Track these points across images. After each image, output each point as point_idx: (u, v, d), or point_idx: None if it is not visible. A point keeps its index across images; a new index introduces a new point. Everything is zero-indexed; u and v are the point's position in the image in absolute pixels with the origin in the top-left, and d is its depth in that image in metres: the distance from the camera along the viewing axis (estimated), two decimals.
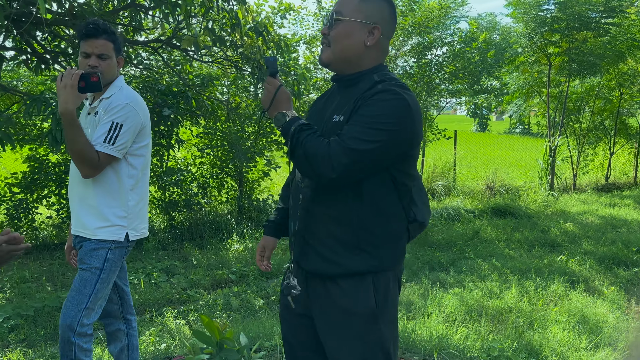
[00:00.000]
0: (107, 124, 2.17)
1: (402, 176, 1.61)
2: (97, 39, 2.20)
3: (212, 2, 4.05)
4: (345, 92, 1.67)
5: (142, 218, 2.38)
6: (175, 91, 4.92)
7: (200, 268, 5.08)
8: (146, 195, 2.39)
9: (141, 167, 2.32)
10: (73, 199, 2.32)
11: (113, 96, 2.24)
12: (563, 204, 8.63)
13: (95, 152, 2.13)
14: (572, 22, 8.84)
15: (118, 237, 2.25)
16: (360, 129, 1.48)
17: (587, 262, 5.31)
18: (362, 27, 1.61)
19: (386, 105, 1.50)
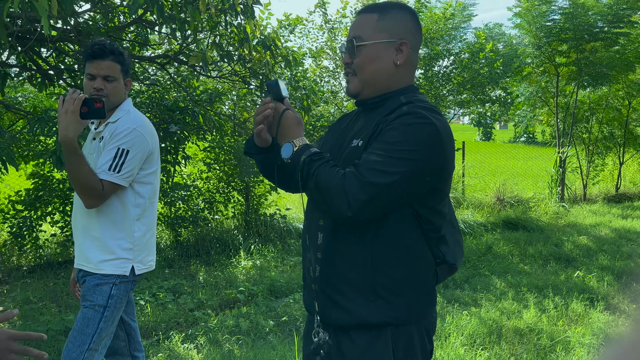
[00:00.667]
0: (113, 151, 2.03)
1: (428, 213, 1.39)
2: (104, 60, 2.07)
3: (220, 17, 3.97)
4: (369, 115, 1.50)
5: (150, 250, 2.23)
6: (182, 107, 4.83)
7: (208, 287, 4.96)
8: (154, 225, 2.25)
9: (149, 195, 2.18)
10: (76, 230, 2.18)
11: (119, 120, 2.11)
12: (575, 215, 8.49)
13: (98, 181, 1.99)
14: (580, 33, 8.74)
15: (123, 271, 2.10)
16: (380, 158, 1.29)
17: (605, 278, 5.16)
18: (388, 46, 1.44)
19: (410, 130, 1.30)
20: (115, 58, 2.11)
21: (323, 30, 8.05)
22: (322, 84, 7.54)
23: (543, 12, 8.98)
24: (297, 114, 1.47)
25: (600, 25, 8.78)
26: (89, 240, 2.11)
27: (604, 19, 8.72)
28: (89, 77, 2.09)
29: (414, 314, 1.40)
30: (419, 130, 1.31)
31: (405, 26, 1.47)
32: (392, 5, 1.49)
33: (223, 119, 5.23)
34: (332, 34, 7.99)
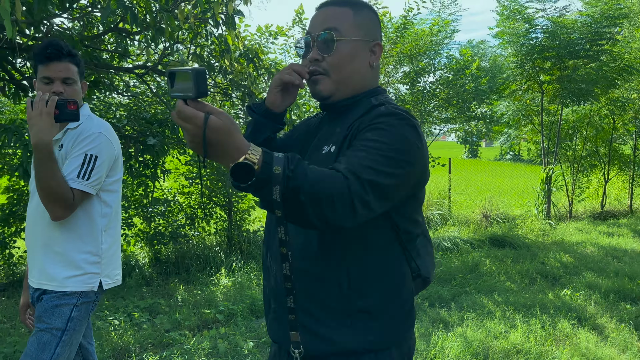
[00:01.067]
0: (80, 157, 1.90)
1: (406, 222, 1.28)
2: (61, 62, 1.93)
3: (201, 28, 3.87)
4: (337, 119, 1.36)
5: (116, 263, 2.09)
6: (160, 119, 4.70)
7: (186, 306, 4.78)
8: (119, 236, 2.11)
9: (115, 204, 2.06)
10: (34, 246, 2.01)
11: (81, 125, 1.98)
12: (561, 233, 8.45)
13: (70, 189, 1.86)
14: (562, 50, 8.81)
15: (90, 286, 1.95)
16: (372, 157, 1.10)
17: (592, 296, 5.07)
18: (365, 45, 1.32)
19: (396, 132, 1.16)
20: (72, 59, 1.98)
21: None
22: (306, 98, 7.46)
23: (523, 31, 9.04)
24: (224, 114, 1.00)
25: (582, 42, 8.85)
26: (51, 256, 1.95)
27: (584, 37, 8.80)
28: (45, 81, 1.94)
29: (395, 337, 1.27)
30: (405, 131, 1.17)
31: (377, 26, 1.38)
32: (362, 3, 1.37)
33: None
34: None
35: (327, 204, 1.03)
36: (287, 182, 1.00)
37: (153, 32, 2.77)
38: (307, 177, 1.02)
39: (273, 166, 1.00)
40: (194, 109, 0.96)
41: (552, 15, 9.05)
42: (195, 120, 0.95)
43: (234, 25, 3.75)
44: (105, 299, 4.91)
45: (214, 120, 0.96)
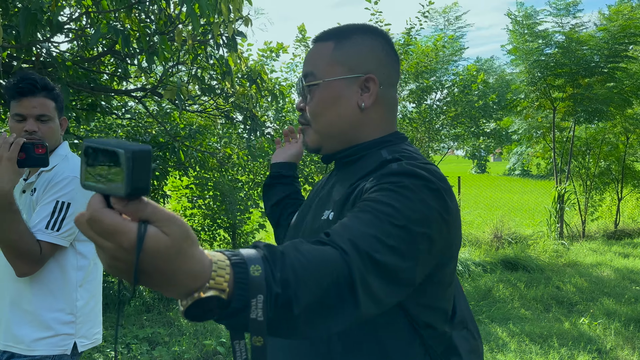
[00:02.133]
0: (50, 205, 1.70)
1: (426, 314, 0.98)
2: (35, 97, 1.74)
3: (201, 50, 3.73)
4: (337, 175, 1.14)
5: (95, 321, 1.87)
6: (161, 142, 4.56)
7: (187, 336, 4.59)
8: (99, 290, 1.89)
9: (92, 255, 1.83)
10: (1, 303, 1.79)
11: (56, 168, 1.78)
12: (575, 254, 8.18)
13: (36, 242, 1.64)
14: (576, 68, 8.62)
15: (63, 349, 1.73)
16: (379, 223, 0.83)
17: (612, 326, 4.83)
18: (349, 83, 1.07)
19: (412, 197, 0.89)
20: (49, 94, 1.79)
21: None
22: None
23: (536, 47, 8.87)
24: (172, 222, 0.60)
25: (596, 60, 8.66)
26: (18, 314, 1.73)
27: (600, 54, 8.60)
28: (17, 118, 1.75)
29: None
30: (424, 196, 0.90)
31: (371, 55, 1.09)
32: (354, 29, 1.11)
33: (206, 155, 4.95)
34: None
35: (326, 307, 0.74)
36: (276, 299, 0.68)
37: (145, 56, 2.64)
38: (299, 280, 0.70)
39: (249, 287, 0.65)
40: (118, 219, 0.57)
41: (567, 30, 8.87)
42: (120, 238, 0.57)
43: (235, 46, 3.61)
44: (104, 329, 4.73)
45: (154, 238, 0.58)
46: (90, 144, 0.60)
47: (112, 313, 5.29)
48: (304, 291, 0.70)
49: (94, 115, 4.16)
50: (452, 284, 1.04)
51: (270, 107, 5.28)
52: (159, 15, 3.38)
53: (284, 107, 5.77)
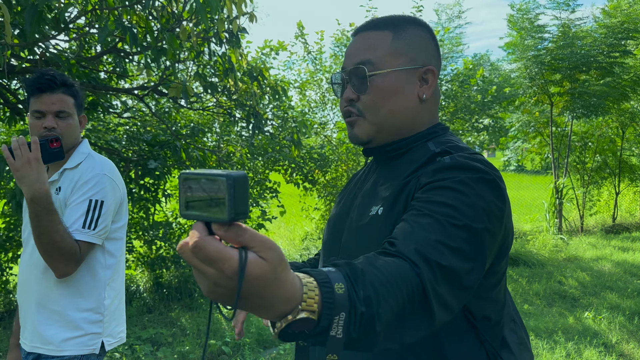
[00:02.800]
0: (84, 204, 1.67)
1: (483, 306, 0.97)
2: (54, 94, 1.71)
3: (203, 47, 3.69)
4: (383, 170, 1.11)
5: (120, 319, 1.85)
6: (162, 141, 4.50)
7: (190, 336, 4.55)
8: (123, 288, 1.88)
9: (119, 253, 1.82)
10: (28, 305, 1.75)
11: (82, 165, 1.75)
12: (574, 248, 8.20)
13: (75, 243, 1.61)
14: (573, 62, 8.62)
15: (92, 349, 1.71)
16: (441, 228, 0.84)
17: (616, 319, 4.83)
18: (410, 74, 1.06)
19: (470, 193, 0.88)
20: (68, 90, 1.75)
21: (306, 61, 7.86)
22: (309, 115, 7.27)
23: (535, 42, 8.86)
24: (269, 247, 0.61)
25: (594, 55, 8.66)
26: (46, 315, 1.70)
27: (598, 48, 8.60)
28: (36, 115, 1.71)
29: None
30: (482, 191, 0.89)
31: (427, 47, 1.10)
32: (406, 20, 1.11)
33: (207, 154, 4.90)
34: (314, 65, 7.79)
35: (403, 321, 0.74)
36: (361, 318, 0.68)
37: (155, 53, 2.60)
38: (379, 297, 0.70)
39: (335, 306, 0.66)
40: (221, 246, 0.57)
41: (566, 25, 8.86)
42: (223, 266, 0.57)
43: (238, 43, 3.57)
44: None
45: (255, 264, 0.58)
46: (189, 175, 0.63)
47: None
48: (384, 308, 0.71)
49: (94, 113, 4.11)
50: (505, 273, 1.03)
51: (271, 102, 5.23)
52: (161, 12, 3.33)
53: (282, 104, 5.73)
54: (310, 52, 7.93)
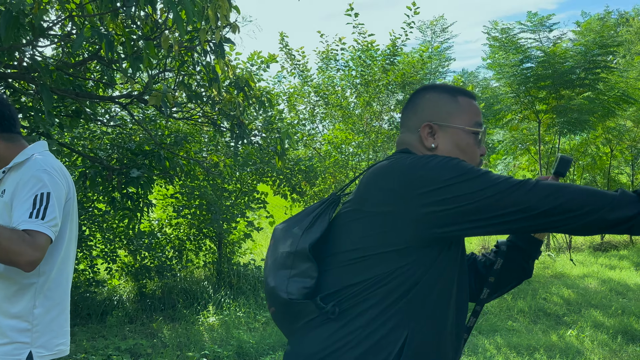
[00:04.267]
0: (29, 200, 1.60)
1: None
2: None
3: (187, 56, 3.69)
4: None
5: (59, 330, 1.74)
6: (146, 150, 4.48)
7: (170, 348, 4.49)
8: (65, 299, 1.77)
9: (57, 262, 1.71)
10: None
11: (24, 167, 1.70)
12: (561, 265, 8.21)
13: (22, 234, 1.52)
14: (557, 79, 8.71)
15: (16, 358, 1.62)
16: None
17: (599, 337, 4.82)
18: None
19: None
20: None
21: (293, 74, 7.89)
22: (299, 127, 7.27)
23: (517, 62, 8.95)
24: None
25: (577, 72, 8.76)
26: None
27: (579, 65, 8.70)
28: None
29: None
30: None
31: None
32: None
33: (192, 163, 4.89)
34: (302, 78, 7.83)
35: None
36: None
37: (130, 61, 2.59)
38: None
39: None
40: None
41: (545, 44, 8.98)
42: None
43: (222, 53, 3.57)
44: (85, 340, 4.62)
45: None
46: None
47: (95, 324, 5.17)
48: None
49: (78, 121, 4.09)
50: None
51: (259, 115, 5.23)
52: (145, 20, 3.33)
53: (272, 116, 5.73)
54: (297, 65, 7.97)
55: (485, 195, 1.09)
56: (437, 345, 1.18)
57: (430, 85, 1.37)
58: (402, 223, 1.12)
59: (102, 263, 5.97)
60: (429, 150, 1.28)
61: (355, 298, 1.15)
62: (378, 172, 1.21)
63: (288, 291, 1.18)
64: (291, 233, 1.24)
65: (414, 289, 1.13)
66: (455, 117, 1.29)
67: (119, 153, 4.44)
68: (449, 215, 1.10)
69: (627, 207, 1.10)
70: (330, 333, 1.15)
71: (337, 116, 7.83)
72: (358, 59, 7.76)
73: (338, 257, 1.20)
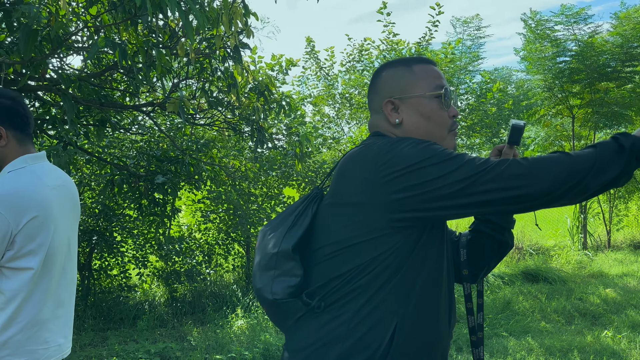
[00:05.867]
0: None
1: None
2: None
3: (206, 63, 3.75)
4: None
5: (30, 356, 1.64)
6: (172, 157, 4.58)
7: (198, 350, 4.55)
8: (38, 326, 1.66)
9: (23, 284, 1.61)
10: None
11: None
12: (599, 264, 7.93)
13: None
14: (592, 73, 8.44)
15: None
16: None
17: (637, 338, 4.63)
18: None
19: None
20: None
21: (319, 77, 7.90)
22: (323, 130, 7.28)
23: (553, 55, 8.72)
24: None
25: (612, 65, 8.47)
26: None
27: (616, 58, 8.41)
28: None
29: None
30: None
31: None
32: None
33: (216, 169, 4.96)
34: (328, 80, 7.83)
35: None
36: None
37: (144, 69, 2.66)
38: None
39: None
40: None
41: (580, 36, 8.72)
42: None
43: (240, 58, 3.62)
44: (117, 344, 4.74)
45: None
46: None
47: (127, 328, 5.30)
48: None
49: (103, 131, 4.21)
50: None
51: (282, 119, 5.26)
52: (163, 29, 3.41)
53: (295, 119, 5.76)
54: (323, 68, 7.99)
55: (454, 180, 1.05)
56: (431, 330, 1.16)
57: (387, 63, 1.35)
58: (375, 211, 1.12)
59: (134, 268, 6.12)
60: (395, 127, 1.26)
61: (340, 291, 1.15)
62: (349, 161, 1.20)
63: (273, 292, 1.19)
64: (275, 233, 1.25)
65: (397, 275, 1.12)
66: (414, 87, 1.26)
67: (146, 160, 4.55)
68: (418, 200, 1.08)
69: (610, 166, 1.03)
70: (319, 327, 1.15)
71: (363, 118, 7.81)
72: (384, 60, 7.73)
73: (321, 251, 1.20)
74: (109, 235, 5.59)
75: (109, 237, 5.59)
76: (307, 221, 1.23)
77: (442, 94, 1.25)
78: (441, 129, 1.26)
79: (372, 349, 1.10)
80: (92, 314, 5.46)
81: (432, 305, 1.16)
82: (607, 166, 1.02)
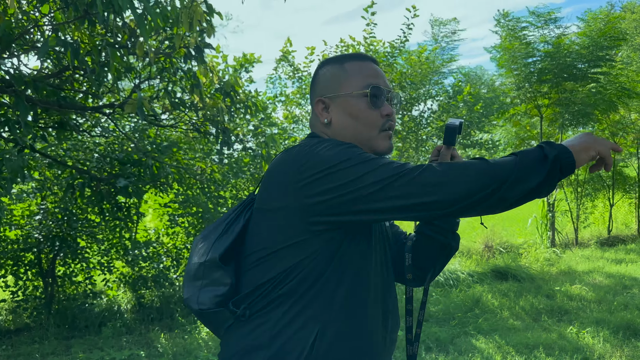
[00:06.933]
0: None
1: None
2: None
3: (167, 63, 3.68)
4: None
5: None
6: (135, 159, 4.47)
7: (165, 357, 4.46)
8: None
9: None
10: None
11: None
12: (567, 261, 8.08)
13: None
14: (560, 73, 8.61)
15: None
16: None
17: (601, 333, 4.72)
18: None
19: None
20: None
21: (292, 79, 7.86)
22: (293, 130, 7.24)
23: (526, 53, 8.85)
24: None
25: (579, 67, 8.66)
26: None
27: (582, 59, 8.60)
28: None
29: None
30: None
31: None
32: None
33: (182, 172, 4.88)
34: (301, 82, 7.79)
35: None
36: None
37: (98, 69, 2.58)
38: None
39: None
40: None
41: (550, 37, 8.87)
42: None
43: (202, 59, 3.56)
44: (80, 352, 4.61)
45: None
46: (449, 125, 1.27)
47: (92, 336, 5.16)
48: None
49: (63, 133, 4.09)
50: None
51: (251, 120, 5.20)
52: (122, 29, 3.33)
53: (264, 120, 5.71)
54: (298, 70, 7.95)
55: (368, 182, 1.02)
56: (360, 337, 1.13)
57: (325, 60, 1.32)
58: (294, 215, 1.09)
59: (99, 274, 5.97)
60: (326, 127, 1.23)
61: (265, 298, 1.13)
62: (273, 164, 1.18)
63: (199, 301, 1.15)
64: (205, 242, 1.22)
65: (319, 281, 1.10)
66: (343, 85, 1.23)
67: (108, 163, 4.44)
68: (334, 204, 1.05)
69: (530, 175, 0.99)
70: (244, 335, 1.13)
71: None
72: None
73: (251, 257, 1.17)
74: (72, 240, 5.43)
75: (73, 243, 5.43)
76: (239, 228, 1.20)
77: (369, 92, 1.21)
78: (370, 128, 1.22)
79: (294, 356, 1.08)
80: (56, 322, 5.30)
81: (359, 312, 1.14)
82: (526, 175, 0.99)
